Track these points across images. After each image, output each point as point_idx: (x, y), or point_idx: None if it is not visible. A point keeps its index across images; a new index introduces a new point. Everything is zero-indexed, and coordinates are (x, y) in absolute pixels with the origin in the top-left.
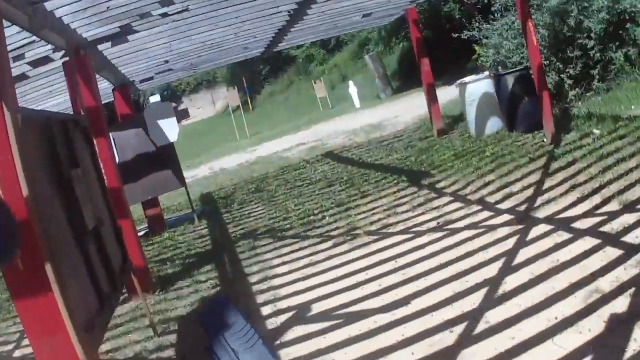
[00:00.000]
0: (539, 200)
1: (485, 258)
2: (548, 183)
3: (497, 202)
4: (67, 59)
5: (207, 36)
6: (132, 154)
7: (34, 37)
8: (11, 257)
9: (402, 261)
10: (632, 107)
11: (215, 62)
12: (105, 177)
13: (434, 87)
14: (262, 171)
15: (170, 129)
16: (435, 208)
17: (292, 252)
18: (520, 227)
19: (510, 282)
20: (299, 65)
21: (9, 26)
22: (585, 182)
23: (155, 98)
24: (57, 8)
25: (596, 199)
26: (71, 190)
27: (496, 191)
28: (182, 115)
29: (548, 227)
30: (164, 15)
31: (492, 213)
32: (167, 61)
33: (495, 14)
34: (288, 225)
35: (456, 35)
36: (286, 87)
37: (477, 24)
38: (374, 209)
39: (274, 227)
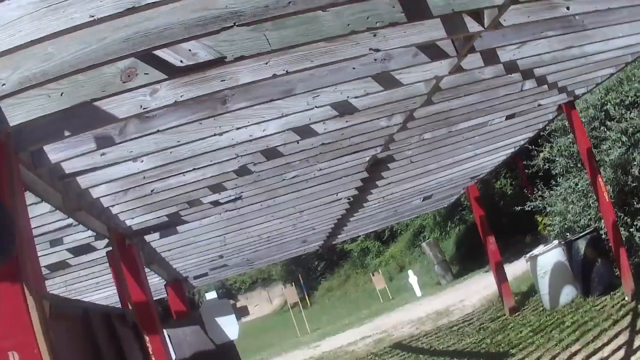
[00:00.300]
0: None
1: None
2: (638, 342)
3: None
4: (110, 248)
5: (263, 228)
6: (190, 351)
7: (72, 220)
8: (9, 257)
9: None
10: None
11: (273, 258)
12: None
13: (502, 264)
14: None
15: (229, 326)
16: None
17: None
18: None
19: None
20: (354, 259)
21: (39, 202)
22: None
23: (211, 295)
24: (93, 186)
25: None
26: None
27: None
28: (242, 312)
29: None
30: (216, 203)
31: None
32: (221, 256)
33: (558, 178)
34: None
35: (519, 208)
36: (343, 281)
37: (539, 192)
38: None
39: None
